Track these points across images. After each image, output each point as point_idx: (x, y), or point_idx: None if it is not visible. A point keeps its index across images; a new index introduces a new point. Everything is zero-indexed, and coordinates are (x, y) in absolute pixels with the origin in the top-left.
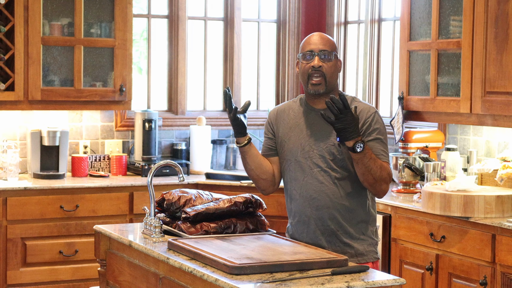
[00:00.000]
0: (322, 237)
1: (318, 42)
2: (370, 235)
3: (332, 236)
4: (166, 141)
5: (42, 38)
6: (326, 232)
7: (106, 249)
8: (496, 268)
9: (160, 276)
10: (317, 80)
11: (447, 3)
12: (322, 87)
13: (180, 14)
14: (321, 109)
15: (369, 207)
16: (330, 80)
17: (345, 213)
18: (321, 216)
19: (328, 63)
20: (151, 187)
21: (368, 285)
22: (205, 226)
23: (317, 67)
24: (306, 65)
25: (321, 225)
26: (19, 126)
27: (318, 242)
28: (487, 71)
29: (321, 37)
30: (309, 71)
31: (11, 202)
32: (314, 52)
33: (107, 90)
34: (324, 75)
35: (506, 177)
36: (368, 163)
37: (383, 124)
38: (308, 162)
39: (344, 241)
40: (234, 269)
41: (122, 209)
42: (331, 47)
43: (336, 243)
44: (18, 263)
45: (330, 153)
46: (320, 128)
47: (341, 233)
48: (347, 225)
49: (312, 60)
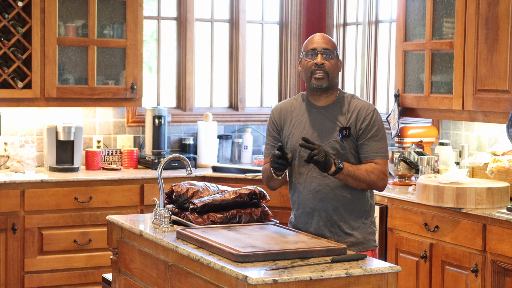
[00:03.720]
0: (325, 228)
1: (321, 41)
2: (369, 225)
3: (335, 226)
4: (175, 136)
5: (58, 39)
6: (329, 222)
7: (118, 238)
8: (487, 256)
9: (169, 264)
10: (320, 75)
11: (440, 5)
12: (325, 82)
13: (188, 16)
14: (322, 106)
15: (368, 198)
16: (332, 77)
17: (347, 204)
18: (325, 207)
19: (330, 61)
20: (161, 179)
21: (365, 272)
22: (211, 216)
23: (320, 64)
24: (309, 62)
25: (325, 216)
26: (36, 122)
27: (321, 232)
28: (478, 70)
29: (323, 37)
30: (312, 68)
31: (28, 194)
32: (317, 50)
33: (119, 88)
34: (327, 71)
35: (496, 170)
36: (355, 175)
37: (381, 121)
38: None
39: (346, 231)
40: (239, 257)
41: (133, 201)
42: (332, 46)
43: (338, 233)
44: (35, 251)
45: (333, 148)
46: (322, 124)
47: (343, 223)
48: (349, 215)
49: (315, 58)
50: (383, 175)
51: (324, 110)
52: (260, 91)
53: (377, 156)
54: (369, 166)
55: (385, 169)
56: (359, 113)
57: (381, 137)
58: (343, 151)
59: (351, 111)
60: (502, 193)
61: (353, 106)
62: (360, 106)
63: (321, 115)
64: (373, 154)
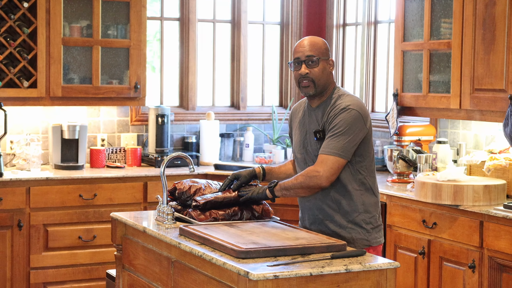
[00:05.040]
0: (312, 226)
1: (304, 49)
2: (360, 225)
3: (321, 225)
4: (177, 134)
5: (63, 39)
6: (316, 221)
7: (122, 235)
8: (484, 252)
9: (172, 260)
10: (306, 83)
11: (438, 6)
12: (312, 89)
13: (191, 17)
14: (313, 107)
15: (360, 197)
16: (319, 83)
17: (332, 203)
18: (311, 206)
19: (314, 69)
20: (164, 177)
21: (365, 268)
22: (214, 213)
23: (304, 74)
24: (295, 73)
25: (311, 215)
26: (41, 121)
27: (313, 230)
28: (475, 69)
29: (308, 43)
30: (298, 78)
31: (34, 191)
32: (301, 59)
33: (123, 88)
34: (312, 79)
35: (493, 168)
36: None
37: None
38: (304, 157)
39: (332, 230)
40: (241, 253)
41: (137, 198)
42: (317, 51)
43: (325, 231)
44: (41, 247)
45: (315, 150)
46: (309, 126)
47: (329, 222)
48: (334, 214)
49: (300, 67)
50: (314, 172)
51: (314, 111)
52: (261, 90)
53: (322, 152)
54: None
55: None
56: (331, 113)
57: (337, 134)
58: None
59: (331, 112)
60: (499, 191)
61: (335, 106)
62: (336, 105)
63: (311, 116)
64: (321, 150)
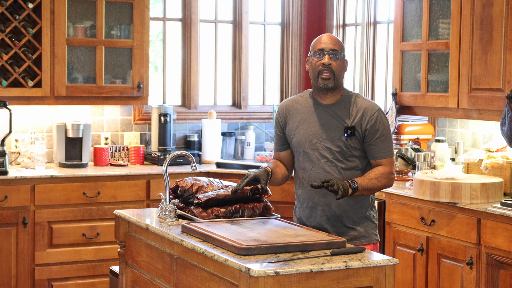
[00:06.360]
0: (328, 222)
1: (329, 41)
2: (371, 219)
3: (337, 221)
4: (180, 133)
5: (67, 39)
6: (332, 217)
7: (125, 232)
8: (481, 249)
9: (174, 257)
10: (327, 75)
11: (437, 7)
12: (331, 82)
13: (193, 18)
14: (328, 104)
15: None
16: (338, 77)
17: (349, 199)
18: (328, 202)
19: (337, 62)
20: (166, 175)
21: (364, 265)
22: (215, 211)
23: (327, 64)
24: (316, 62)
25: (328, 211)
26: (45, 120)
27: (324, 226)
28: (473, 69)
29: (331, 37)
30: (319, 68)
31: (38, 189)
32: (325, 50)
33: (126, 87)
34: (333, 72)
35: (490, 166)
36: (368, 188)
37: (386, 120)
38: (315, 153)
39: (348, 225)
40: (242, 250)
41: (139, 195)
42: (340, 47)
43: (340, 227)
44: (45, 244)
45: (336, 146)
46: (327, 123)
47: (345, 218)
48: (351, 210)
49: (323, 58)
50: (391, 175)
51: (330, 108)
52: (262, 89)
53: (384, 156)
54: (377, 171)
55: (391, 168)
56: (364, 113)
57: (387, 136)
58: (346, 149)
59: (356, 110)
60: (496, 188)
61: (358, 105)
62: (365, 106)
63: (327, 113)
64: (381, 155)
